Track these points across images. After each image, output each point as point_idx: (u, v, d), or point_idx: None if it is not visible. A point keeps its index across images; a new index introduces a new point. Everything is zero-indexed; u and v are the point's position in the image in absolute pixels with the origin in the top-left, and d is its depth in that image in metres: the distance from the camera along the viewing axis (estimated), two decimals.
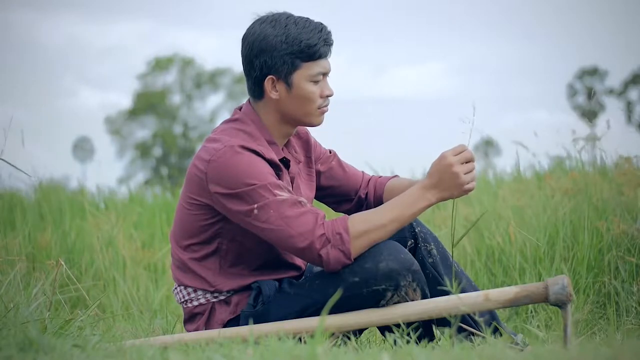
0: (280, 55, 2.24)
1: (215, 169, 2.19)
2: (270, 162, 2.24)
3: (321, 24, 2.29)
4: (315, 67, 2.27)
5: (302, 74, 2.26)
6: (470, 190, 2.20)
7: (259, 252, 2.28)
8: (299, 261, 2.36)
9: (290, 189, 2.27)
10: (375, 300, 2.15)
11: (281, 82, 2.27)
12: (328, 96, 2.32)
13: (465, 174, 2.17)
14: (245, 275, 2.29)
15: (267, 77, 2.26)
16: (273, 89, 2.27)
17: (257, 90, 2.31)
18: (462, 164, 2.18)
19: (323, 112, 2.33)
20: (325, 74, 2.30)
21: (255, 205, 2.14)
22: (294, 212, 2.14)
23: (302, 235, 2.13)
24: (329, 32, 2.30)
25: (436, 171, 2.18)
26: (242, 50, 2.31)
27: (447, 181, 2.17)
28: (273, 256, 2.30)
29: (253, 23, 2.31)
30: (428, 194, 2.18)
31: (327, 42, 2.28)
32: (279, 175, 2.27)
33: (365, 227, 2.14)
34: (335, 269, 2.15)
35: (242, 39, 2.31)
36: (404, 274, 2.13)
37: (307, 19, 2.29)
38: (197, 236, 2.27)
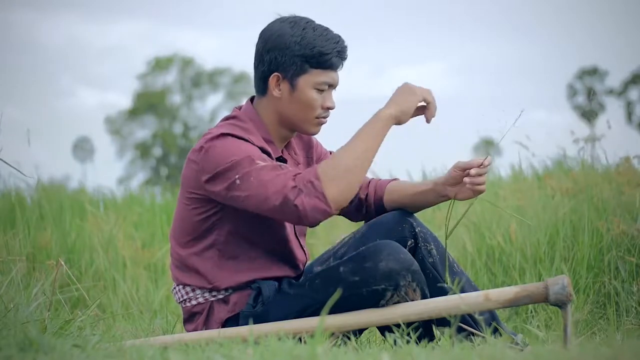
0: (291, 55, 2.25)
1: (202, 156, 2.21)
2: (261, 150, 2.24)
3: (339, 36, 2.30)
4: (322, 76, 2.28)
5: (308, 80, 2.27)
6: (481, 192, 2.29)
7: (258, 245, 2.28)
8: (296, 258, 2.36)
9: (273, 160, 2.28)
10: (375, 300, 2.15)
11: (286, 82, 2.28)
12: (329, 108, 2.32)
13: (421, 89, 2.22)
14: (242, 270, 2.28)
15: (273, 74, 2.28)
16: (277, 86, 2.28)
17: (261, 86, 2.32)
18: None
19: (321, 123, 2.33)
20: (331, 86, 2.31)
21: (237, 176, 2.15)
22: (271, 175, 2.14)
23: (276, 193, 2.12)
24: (345, 47, 2.30)
25: (394, 92, 2.22)
26: (256, 44, 2.33)
27: (404, 94, 2.20)
28: (273, 250, 2.31)
29: (274, 20, 2.33)
30: (383, 112, 2.19)
31: (341, 55, 2.29)
32: None
33: (335, 171, 2.13)
34: (317, 219, 2.13)
35: (260, 33, 2.33)
36: (404, 274, 2.13)
37: (327, 28, 2.30)
38: (196, 230, 2.28)
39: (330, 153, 2.56)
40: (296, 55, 2.25)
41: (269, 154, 2.26)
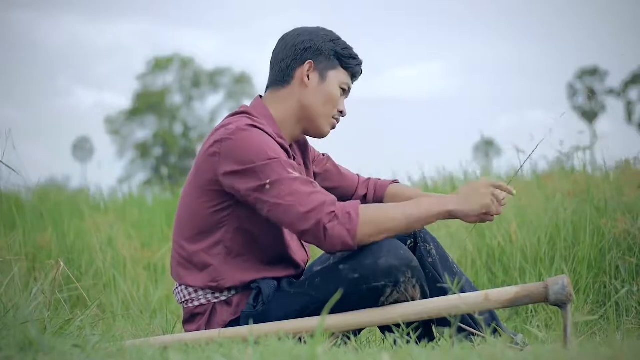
0: (327, 48, 2.35)
1: (228, 146, 2.18)
2: (281, 147, 2.24)
3: None
4: (346, 77, 2.38)
5: (337, 76, 2.36)
6: (490, 214, 2.19)
7: (264, 244, 2.27)
8: (299, 258, 2.36)
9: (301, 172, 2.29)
10: (374, 297, 2.14)
11: (316, 72, 2.34)
12: (341, 113, 2.39)
13: (491, 198, 2.17)
14: (248, 268, 2.27)
15: (307, 61, 2.33)
16: (307, 74, 2.33)
17: (287, 75, 2.35)
18: (494, 194, 2.18)
19: (333, 124, 2.39)
20: (348, 92, 2.40)
21: (268, 180, 2.13)
22: (306, 189, 2.13)
23: (312, 211, 2.10)
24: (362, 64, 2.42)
25: (466, 187, 2.18)
26: (283, 40, 2.38)
27: (471, 196, 2.16)
28: (277, 250, 2.30)
29: (298, 27, 2.41)
30: (445, 200, 2.17)
31: (361, 68, 2.41)
32: None
33: (376, 216, 2.13)
34: (336, 248, 2.12)
35: (288, 32, 2.40)
36: (404, 270, 2.13)
37: None
38: (204, 225, 2.26)
39: (324, 155, 2.57)
40: (331, 49, 2.35)
41: (286, 151, 2.27)
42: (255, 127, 2.20)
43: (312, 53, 2.34)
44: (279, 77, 2.35)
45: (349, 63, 2.36)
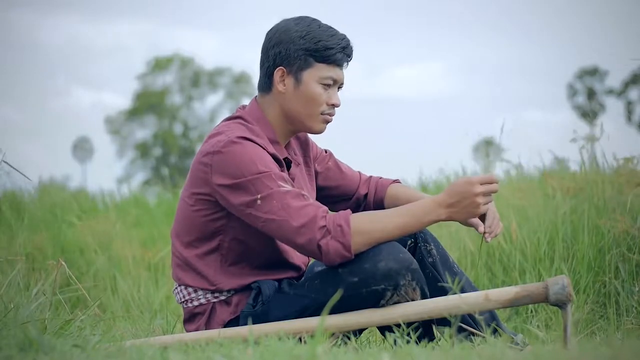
0: (296, 48, 2.25)
1: (219, 159, 2.18)
2: (273, 157, 2.24)
3: (345, 35, 2.30)
4: (327, 71, 2.27)
5: (313, 74, 2.27)
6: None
7: (260, 251, 2.27)
8: (298, 261, 2.36)
9: (293, 184, 2.27)
10: (375, 300, 2.14)
11: (290, 76, 2.27)
12: (334, 105, 2.31)
13: (483, 201, 2.15)
14: (245, 274, 2.28)
15: (278, 68, 2.27)
16: (281, 81, 2.28)
17: (266, 82, 2.31)
18: (485, 195, 2.15)
19: (326, 120, 2.32)
20: (336, 82, 2.30)
21: (259, 195, 2.13)
22: (297, 204, 2.13)
23: (304, 226, 2.11)
24: (351, 46, 2.30)
25: (458, 193, 2.14)
26: (263, 43, 2.33)
27: (465, 206, 2.14)
28: (275, 256, 2.30)
29: (280, 20, 2.33)
30: (440, 209, 2.15)
31: (345, 52, 2.29)
32: None
33: (368, 225, 2.12)
34: (334, 262, 2.13)
35: (269, 29, 2.33)
36: (403, 273, 2.13)
37: (333, 27, 2.30)
38: (200, 232, 2.26)
39: (326, 151, 2.56)
40: (300, 48, 2.25)
41: (278, 161, 2.26)
42: (247, 138, 2.19)
43: (282, 58, 2.27)
44: (262, 84, 2.33)
45: (326, 55, 2.25)
